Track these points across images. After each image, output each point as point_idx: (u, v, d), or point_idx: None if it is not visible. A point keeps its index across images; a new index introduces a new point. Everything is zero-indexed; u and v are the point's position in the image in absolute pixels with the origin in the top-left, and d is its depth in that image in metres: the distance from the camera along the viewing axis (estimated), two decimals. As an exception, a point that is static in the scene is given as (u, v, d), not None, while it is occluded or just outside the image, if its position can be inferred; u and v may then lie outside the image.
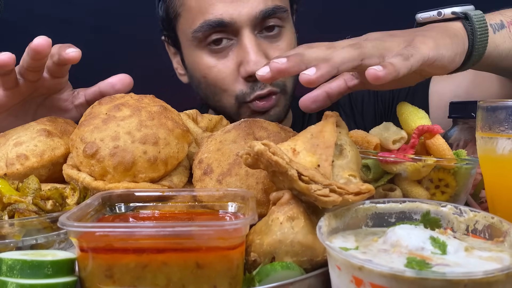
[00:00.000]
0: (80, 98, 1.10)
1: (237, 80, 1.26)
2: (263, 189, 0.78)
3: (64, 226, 0.59)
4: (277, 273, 0.63)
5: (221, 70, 1.26)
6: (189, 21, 1.27)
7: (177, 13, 1.31)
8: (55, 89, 1.07)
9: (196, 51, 1.29)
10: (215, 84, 1.29)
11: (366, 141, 0.85)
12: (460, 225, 0.67)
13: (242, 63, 1.23)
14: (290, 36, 1.31)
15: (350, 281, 0.53)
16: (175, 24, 1.34)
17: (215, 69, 1.27)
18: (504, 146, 0.72)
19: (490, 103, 0.74)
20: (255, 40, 1.23)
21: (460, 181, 0.82)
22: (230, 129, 0.87)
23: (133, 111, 0.87)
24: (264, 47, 1.25)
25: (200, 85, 1.34)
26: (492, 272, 0.49)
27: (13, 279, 0.59)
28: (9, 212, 0.72)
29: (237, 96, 1.27)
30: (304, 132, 0.77)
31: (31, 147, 0.90)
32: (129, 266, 0.59)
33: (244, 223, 0.60)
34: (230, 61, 1.26)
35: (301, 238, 0.64)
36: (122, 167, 0.80)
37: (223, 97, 1.30)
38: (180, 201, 0.78)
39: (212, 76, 1.28)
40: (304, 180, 0.64)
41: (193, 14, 1.25)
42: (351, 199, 0.65)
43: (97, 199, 0.72)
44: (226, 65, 1.26)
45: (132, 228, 0.63)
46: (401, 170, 0.80)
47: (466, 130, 1.09)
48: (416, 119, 0.85)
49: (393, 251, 0.58)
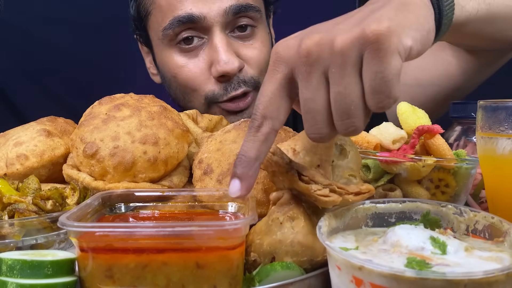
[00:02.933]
0: None
1: (209, 80, 1.23)
2: (263, 189, 0.78)
3: (64, 226, 0.59)
4: (277, 273, 0.63)
5: (191, 69, 1.24)
6: (159, 19, 1.25)
7: (148, 12, 1.29)
8: None
9: (167, 50, 1.27)
10: (186, 84, 1.26)
11: (366, 141, 0.85)
12: (460, 225, 0.67)
13: (213, 63, 1.21)
14: (264, 36, 1.30)
15: (350, 281, 0.53)
16: (146, 23, 1.32)
17: (185, 69, 1.25)
18: (504, 146, 0.73)
19: (490, 103, 0.74)
20: (226, 39, 1.21)
21: (460, 181, 0.82)
22: (230, 129, 0.87)
23: (133, 111, 0.87)
24: (235, 46, 1.23)
25: (170, 85, 1.32)
26: (492, 272, 0.49)
27: (13, 279, 0.59)
28: (9, 212, 0.73)
29: (207, 96, 1.24)
30: (304, 132, 0.77)
31: (31, 147, 0.90)
32: (129, 266, 0.59)
33: (244, 223, 0.60)
34: (201, 61, 1.23)
35: (301, 238, 0.64)
36: (122, 167, 0.80)
37: (193, 97, 1.27)
38: (180, 201, 0.78)
39: (183, 76, 1.25)
40: (304, 180, 0.64)
41: (163, 11, 1.23)
42: (351, 199, 0.65)
43: (97, 199, 0.72)
44: (197, 65, 1.23)
45: (132, 228, 0.63)
46: (401, 170, 0.80)
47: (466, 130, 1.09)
48: (416, 119, 0.85)
49: (393, 251, 0.57)
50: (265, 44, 1.29)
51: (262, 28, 1.29)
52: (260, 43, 1.27)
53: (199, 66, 1.23)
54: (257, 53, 1.26)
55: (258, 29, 1.28)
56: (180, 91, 1.29)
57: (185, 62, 1.24)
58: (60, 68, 1.99)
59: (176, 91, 1.31)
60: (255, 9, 1.24)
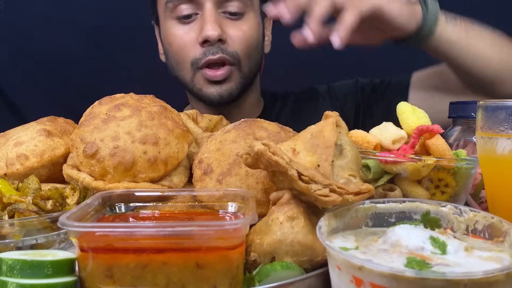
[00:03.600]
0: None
1: (195, 47, 1.39)
2: (263, 189, 0.78)
3: (64, 226, 0.59)
4: (277, 273, 0.63)
5: (183, 37, 1.40)
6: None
7: None
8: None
9: (168, 21, 1.44)
10: (177, 52, 1.42)
11: (366, 141, 0.85)
12: (460, 225, 0.67)
13: (200, 32, 1.37)
14: (253, 21, 1.44)
15: (350, 281, 0.53)
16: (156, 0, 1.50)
17: (178, 37, 1.41)
18: (504, 146, 0.73)
19: (490, 103, 0.74)
20: (215, 14, 1.37)
21: (460, 181, 0.82)
22: (230, 129, 0.87)
23: (133, 111, 0.87)
24: (223, 23, 1.39)
25: (167, 55, 1.48)
26: (492, 272, 0.49)
27: (13, 279, 0.59)
28: (9, 212, 0.73)
29: (192, 62, 1.40)
30: (304, 132, 0.77)
31: (31, 147, 0.90)
32: (129, 266, 0.59)
33: (244, 223, 0.60)
34: (192, 31, 1.39)
35: (301, 238, 0.64)
36: (122, 167, 0.80)
37: (183, 65, 1.43)
38: (180, 201, 0.78)
39: (176, 44, 1.42)
40: (304, 180, 0.64)
41: None
42: (351, 199, 0.65)
43: (97, 199, 0.72)
44: (188, 34, 1.40)
45: (132, 228, 0.63)
46: (401, 170, 0.80)
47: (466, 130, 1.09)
48: (416, 119, 0.85)
49: (393, 251, 0.58)
50: (252, 29, 1.43)
51: (251, 16, 1.44)
52: (247, 26, 1.42)
53: (189, 35, 1.40)
54: (242, 34, 1.41)
55: (248, 15, 1.43)
56: (174, 60, 1.45)
57: (180, 33, 1.41)
58: (60, 68, 1.99)
59: (172, 60, 1.47)
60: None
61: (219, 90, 1.40)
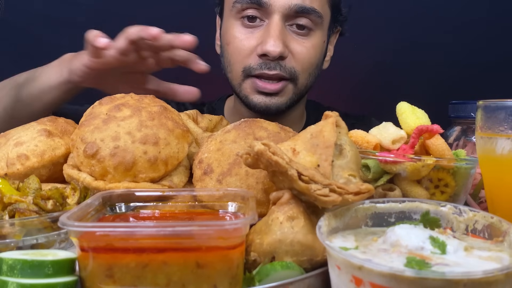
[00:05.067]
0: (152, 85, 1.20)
1: (252, 56, 1.34)
2: (263, 189, 0.78)
3: (65, 225, 0.60)
4: (277, 273, 0.63)
5: (242, 41, 1.35)
6: None
7: None
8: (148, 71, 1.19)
9: (232, 20, 1.39)
10: (233, 54, 1.38)
11: (366, 141, 0.86)
12: (459, 224, 0.67)
13: (262, 43, 1.32)
14: (318, 42, 1.39)
15: (350, 280, 0.54)
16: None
17: (238, 40, 1.36)
18: (504, 146, 0.73)
19: (489, 103, 0.75)
20: (282, 27, 1.31)
21: (459, 181, 0.82)
22: (230, 129, 0.88)
23: (133, 111, 0.87)
24: (288, 38, 1.33)
25: (223, 52, 1.43)
26: (492, 272, 0.49)
27: (14, 279, 0.59)
28: (10, 212, 0.73)
29: (245, 68, 1.35)
30: (304, 132, 0.77)
31: (31, 147, 0.90)
32: (129, 265, 0.60)
33: (244, 222, 0.60)
34: (253, 38, 1.34)
35: (301, 237, 0.65)
36: (123, 167, 0.81)
37: (233, 68, 1.39)
38: (180, 201, 0.78)
39: (234, 46, 1.37)
40: (304, 180, 0.65)
41: None
42: (351, 199, 0.65)
43: (97, 199, 0.72)
44: (249, 41, 1.35)
45: (132, 227, 0.63)
46: (401, 170, 0.80)
47: (465, 130, 1.09)
48: (416, 119, 0.85)
49: (392, 250, 0.58)
50: (316, 48, 1.39)
51: (318, 34, 1.39)
52: (311, 45, 1.37)
53: (250, 41, 1.35)
54: (305, 51, 1.36)
55: (314, 33, 1.38)
56: (227, 60, 1.41)
57: (241, 36, 1.36)
58: (60, 68, 1.98)
59: (225, 59, 1.42)
60: (317, 14, 1.35)
61: (268, 101, 1.35)
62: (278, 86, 1.34)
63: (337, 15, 1.48)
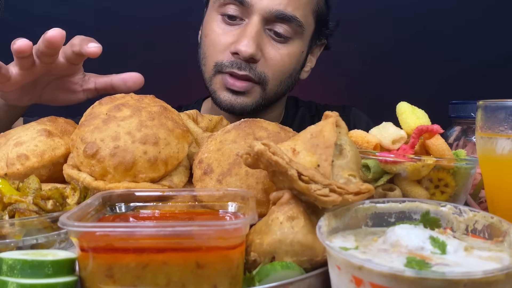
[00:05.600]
0: (90, 84, 1.17)
1: (225, 51, 1.33)
2: (263, 189, 0.78)
3: (65, 225, 0.59)
4: (277, 273, 0.63)
5: (219, 37, 1.35)
6: None
7: None
8: (68, 72, 1.14)
9: (213, 14, 1.39)
10: (209, 46, 1.38)
11: (366, 141, 0.85)
12: (459, 224, 0.67)
13: (236, 41, 1.31)
14: (296, 49, 1.37)
15: (350, 280, 0.54)
16: None
17: (215, 34, 1.36)
18: (504, 146, 0.73)
19: (490, 103, 0.75)
20: (259, 30, 1.30)
21: (459, 181, 0.82)
22: (230, 129, 0.88)
23: (133, 111, 0.87)
24: (263, 41, 1.32)
25: (200, 43, 1.44)
26: (492, 272, 0.49)
27: (14, 279, 0.59)
28: (10, 212, 0.73)
29: (216, 64, 1.34)
30: (304, 132, 0.77)
31: (31, 147, 0.90)
32: (129, 265, 0.60)
33: (244, 223, 0.60)
34: (230, 35, 1.33)
35: (301, 237, 0.65)
36: (123, 167, 0.80)
37: (207, 62, 1.38)
38: (180, 201, 0.78)
39: (211, 39, 1.37)
40: (304, 180, 0.65)
41: None
42: (351, 199, 0.65)
43: (97, 199, 0.72)
44: (225, 36, 1.34)
45: (132, 227, 0.63)
46: (401, 170, 0.80)
47: (465, 130, 1.09)
48: (416, 119, 0.85)
49: (392, 250, 0.58)
50: (291, 57, 1.37)
51: (297, 43, 1.37)
52: (287, 52, 1.35)
53: (226, 38, 1.34)
54: (279, 58, 1.34)
55: (293, 41, 1.36)
56: (203, 51, 1.41)
57: (219, 29, 1.36)
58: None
59: (201, 51, 1.42)
60: (298, 23, 1.33)
61: (233, 100, 1.34)
62: (245, 85, 1.33)
63: (322, 28, 1.47)
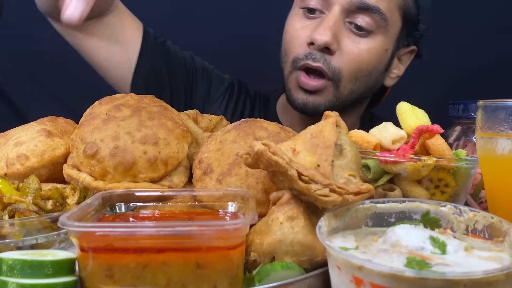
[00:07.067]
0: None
1: (303, 45, 1.29)
2: (263, 189, 0.78)
3: (65, 226, 0.59)
4: (277, 273, 0.63)
5: (297, 32, 1.31)
6: None
7: None
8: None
9: (296, 9, 1.35)
10: (287, 43, 1.34)
11: (366, 141, 0.85)
12: (459, 225, 0.67)
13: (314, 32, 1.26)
14: (378, 44, 1.29)
15: (350, 280, 0.54)
16: None
17: (293, 29, 1.32)
18: (504, 146, 0.73)
19: (490, 103, 0.75)
20: (338, 20, 1.25)
21: (459, 181, 0.82)
22: (230, 129, 0.87)
23: (133, 111, 0.87)
24: (342, 33, 1.26)
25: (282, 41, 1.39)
26: (492, 272, 0.49)
27: (14, 279, 0.59)
28: (10, 212, 0.73)
29: (294, 59, 1.31)
30: (304, 132, 0.77)
31: (31, 147, 0.90)
32: (129, 266, 0.60)
33: (244, 223, 0.60)
34: (308, 29, 1.29)
35: (301, 238, 0.65)
36: (122, 167, 0.80)
37: (286, 58, 1.35)
38: (180, 201, 0.78)
39: (290, 35, 1.34)
40: (304, 180, 0.64)
41: None
42: (351, 199, 0.65)
43: (97, 199, 0.72)
44: (304, 30, 1.30)
45: (132, 228, 0.63)
46: (401, 170, 0.80)
47: (466, 130, 1.09)
48: (416, 119, 0.85)
49: (393, 251, 0.58)
50: (371, 53, 1.29)
51: (379, 38, 1.29)
52: (366, 47, 1.28)
53: (304, 31, 1.30)
54: (357, 52, 1.27)
55: (375, 35, 1.28)
56: (283, 49, 1.37)
57: (298, 24, 1.32)
58: (60, 68, 1.99)
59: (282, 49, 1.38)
60: (381, 15, 1.25)
61: (305, 99, 1.29)
62: (318, 83, 1.27)
63: (411, 29, 1.36)
